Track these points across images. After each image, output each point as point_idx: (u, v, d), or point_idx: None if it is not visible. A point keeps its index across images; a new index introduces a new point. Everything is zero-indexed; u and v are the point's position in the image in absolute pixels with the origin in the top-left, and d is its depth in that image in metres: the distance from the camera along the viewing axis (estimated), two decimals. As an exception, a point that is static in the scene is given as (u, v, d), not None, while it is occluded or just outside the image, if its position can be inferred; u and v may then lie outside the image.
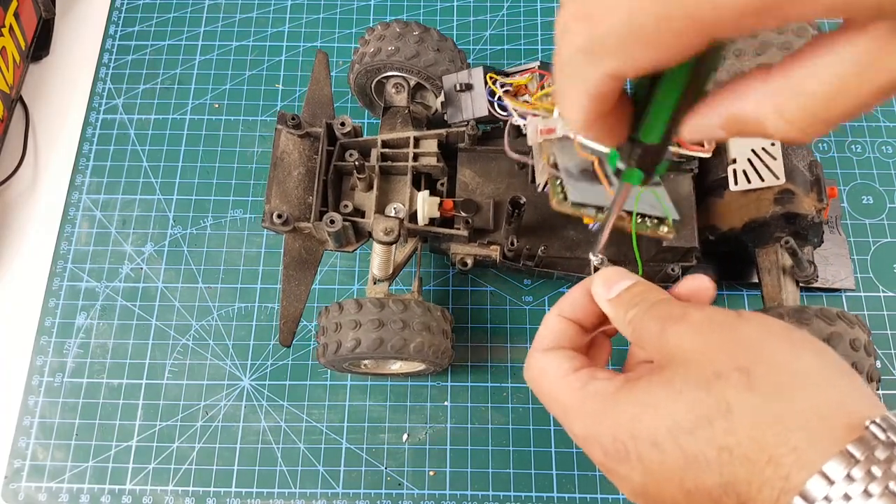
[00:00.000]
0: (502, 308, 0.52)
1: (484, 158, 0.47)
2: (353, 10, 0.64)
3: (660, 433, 0.23)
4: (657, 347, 0.25)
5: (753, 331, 0.24)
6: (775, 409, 0.21)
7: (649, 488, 0.24)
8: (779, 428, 0.21)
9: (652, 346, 0.25)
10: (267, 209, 0.41)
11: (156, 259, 0.55)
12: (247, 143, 0.59)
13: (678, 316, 0.25)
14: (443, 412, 0.50)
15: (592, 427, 0.25)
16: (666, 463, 0.23)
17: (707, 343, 0.24)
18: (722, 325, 0.24)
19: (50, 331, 0.53)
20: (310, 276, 0.44)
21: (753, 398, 0.22)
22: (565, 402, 0.26)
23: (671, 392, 0.23)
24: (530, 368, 0.28)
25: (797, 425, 0.21)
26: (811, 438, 0.21)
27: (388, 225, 0.41)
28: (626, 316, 0.27)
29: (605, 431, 0.24)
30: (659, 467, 0.23)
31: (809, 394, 0.22)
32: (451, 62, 0.49)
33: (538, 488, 0.47)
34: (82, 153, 0.59)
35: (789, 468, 0.20)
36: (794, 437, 0.21)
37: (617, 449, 0.24)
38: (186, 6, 0.65)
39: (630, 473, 0.24)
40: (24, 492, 0.48)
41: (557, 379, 0.27)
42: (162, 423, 0.50)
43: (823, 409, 0.21)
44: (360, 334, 0.41)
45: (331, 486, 0.48)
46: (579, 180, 0.39)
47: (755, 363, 0.22)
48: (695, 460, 0.22)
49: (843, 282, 0.51)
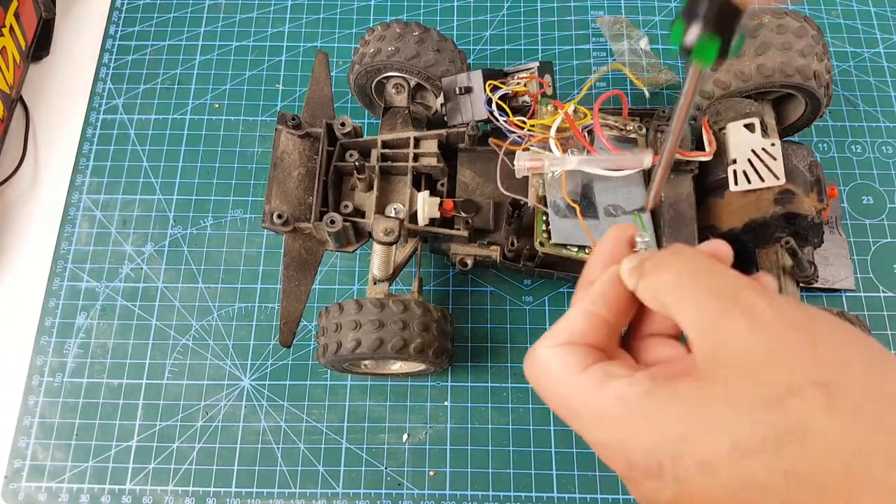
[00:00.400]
0: (502, 308, 0.52)
1: (484, 159, 0.47)
2: (353, 10, 0.64)
3: (711, 454, 0.19)
4: (706, 338, 0.21)
5: (831, 337, 0.20)
6: (860, 435, 0.18)
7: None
8: (864, 459, 0.18)
9: (698, 336, 0.21)
10: (267, 209, 0.41)
11: (156, 259, 0.55)
12: (247, 143, 0.59)
13: (744, 305, 0.21)
14: (443, 412, 0.50)
15: (616, 437, 0.21)
16: (713, 486, 0.20)
17: (777, 347, 0.20)
18: (795, 325, 0.20)
19: (50, 331, 0.53)
20: (310, 277, 0.44)
21: (835, 421, 0.18)
22: (578, 406, 0.23)
23: (729, 405, 0.19)
24: (533, 365, 0.24)
25: (886, 459, 0.18)
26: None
27: (388, 225, 0.41)
28: (664, 287, 0.22)
29: (635, 445, 0.21)
30: (702, 490, 0.20)
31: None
32: (451, 62, 0.49)
33: (538, 488, 0.47)
34: (82, 153, 0.59)
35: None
36: (881, 470, 0.18)
37: (649, 466, 0.21)
38: (186, 6, 0.65)
39: (660, 491, 0.21)
40: (24, 492, 0.48)
41: (566, 378, 0.23)
42: (162, 423, 0.50)
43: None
44: (360, 335, 0.41)
45: (331, 486, 0.48)
46: (566, 216, 0.40)
47: (836, 379, 0.19)
48: (752, 485, 0.19)
49: (843, 282, 0.51)
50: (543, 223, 0.41)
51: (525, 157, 0.40)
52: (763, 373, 0.20)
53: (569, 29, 0.63)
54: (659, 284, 0.23)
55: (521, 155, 0.40)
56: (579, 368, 0.23)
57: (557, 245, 0.40)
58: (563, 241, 0.40)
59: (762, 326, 0.20)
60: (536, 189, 0.41)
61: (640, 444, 0.21)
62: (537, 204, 0.41)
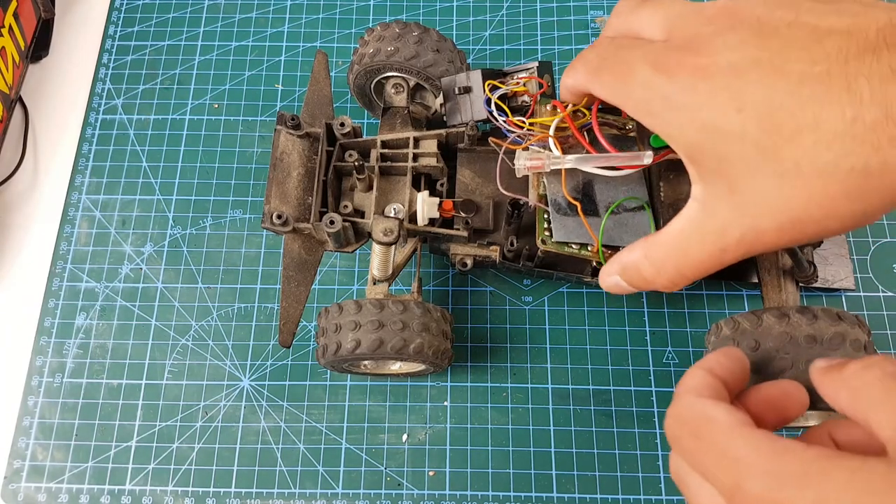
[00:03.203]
0: (502, 308, 0.52)
1: (484, 159, 0.47)
2: (353, 10, 0.64)
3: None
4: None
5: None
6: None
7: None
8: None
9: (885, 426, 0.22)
10: (266, 210, 0.41)
11: (155, 259, 0.55)
12: (246, 144, 0.59)
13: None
14: (442, 412, 0.50)
15: (785, 491, 0.22)
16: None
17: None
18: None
19: (49, 331, 0.52)
20: (310, 277, 0.44)
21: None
22: (744, 455, 0.23)
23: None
24: (690, 414, 0.25)
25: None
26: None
27: (388, 225, 0.41)
28: (868, 387, 0.24)
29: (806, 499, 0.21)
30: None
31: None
32: (451, 62, 0.49)
33: (538, 488, 0.47)
34: (82, 153, 0.59)
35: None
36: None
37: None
38: (186, 6, 0.65)
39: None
40: (24, 492, 0.48)
41: (733, 429, 0.24)
42: (161, 424, 0.50)
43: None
44: (359, 335, 0.41)
45: (330, 487, 0.48)
46: (567, 214, 0.41)
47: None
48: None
49: (842, 282, 0.51)
50: (545, 221, 0.41)
51: (525, 156, 0.40)
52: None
53: (568, 29, 0.63)
54: (862, 385, 0.24)
55: (521, 154, 0.40)
56: (746, 422, 0.24)
57: (559, 243, 0.41)
58: (564, 239, 0.40)
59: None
60: (537, 188, 0.41)
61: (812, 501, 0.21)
62: (538, 203, 0.41)
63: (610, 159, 0.38)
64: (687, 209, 0.29)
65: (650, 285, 0.32)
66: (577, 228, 0.40)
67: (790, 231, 0.26)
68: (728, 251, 0.28)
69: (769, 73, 0.25)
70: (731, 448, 0.23)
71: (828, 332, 0.37)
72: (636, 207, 0.41)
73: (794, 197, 0.25)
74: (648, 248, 0.31)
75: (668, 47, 0.28)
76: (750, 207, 0.26)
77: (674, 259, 0.30)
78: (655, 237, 0.31)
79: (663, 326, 0.51)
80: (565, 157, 0.39)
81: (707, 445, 0.24)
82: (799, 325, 0.38)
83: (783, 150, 0.24)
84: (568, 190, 0.40)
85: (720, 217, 0.27)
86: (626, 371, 0.50)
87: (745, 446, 0.23)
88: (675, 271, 0.30)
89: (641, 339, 0.51)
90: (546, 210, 0.41)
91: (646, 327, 0.51)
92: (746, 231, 0.27)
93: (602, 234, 0.39)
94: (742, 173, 0.26)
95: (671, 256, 0.30)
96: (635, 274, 0.32)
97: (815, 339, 0.37)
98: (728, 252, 0.28)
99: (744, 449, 0.23)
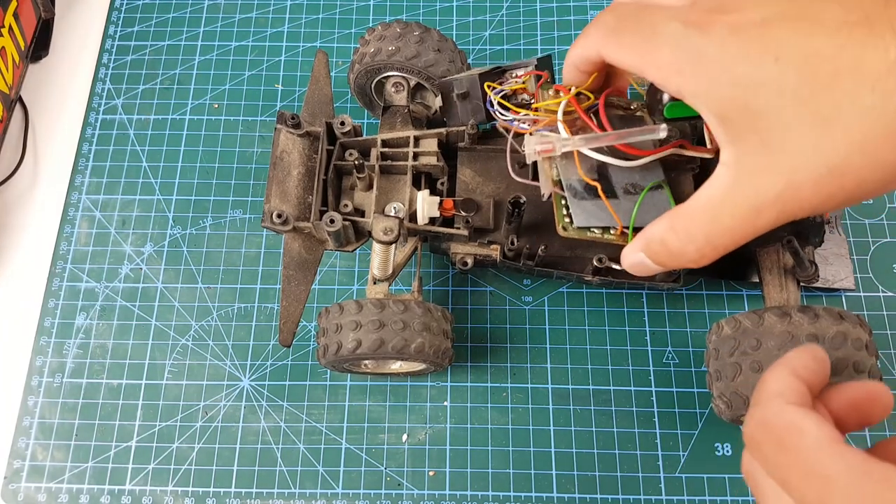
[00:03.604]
0: (502, 308, 0.52)
1: (484, 158, 0.47)
2: (353, 10, 0.64)
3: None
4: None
5: None
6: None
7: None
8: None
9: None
10: (266, 209, 0.41)
11: (155, 259, 0.55)
12: (246, 144, 0.59)
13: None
14: (442, 412, 0.50)
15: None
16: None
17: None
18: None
19: (49, 331, 0.52)
20: (310, 276, 0.44)
21: None
22: (834, 474, 0.22)
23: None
24: (778, 423, 0.24)
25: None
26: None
27: (388, 224, 0.41)
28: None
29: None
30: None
31: None
32: (452, 62, 0.49)
33: (538, 488, 0.47)
34: (81, 153, 0.59)
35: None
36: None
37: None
38: (186, 6, 0.65)
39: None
40: (24, 492, 0.48)
41: (824, 444, 0.22)
42: (161, 424, 0.50)
43: None
44: (360, 335, 0.41)
45: (330, 487, 0.48)
46: (584, 198, 0.38)
47: None
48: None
49: (842, 282, 0.51)
50: (563, 208, 0.39)
51: (534, 140, 0.38)
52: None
53: (568, 29, 0.63)
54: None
55: (530, 139, 0.38)
56: (838, 438, 0.23)
57: (581, 229, 0.38)
58: (586, 223, 0.38)
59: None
60: (549, 175, 0.39)
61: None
62: (554, 189, 0.39)
63: (623, 135, 0.36)
64: (715, 176, 0.28)
65: (677, 259, 0.30)
66: (598, 212, 0.38)
67: (829, 184, 0.25)
68: (762, 213, 0.27)
69: (805, 24, 0.24)
70: (820, 465, 0.22)
71: (829, 331, 0.37)
72: (655, 187, 0.39)
73: (834, 144, 0.24)
74: (674, 219, 0.30)
75: (694, 7, 0.27)
76: (786, 162, 0.25)
77: (703, 227, 0.29)
78: (682, 207, 0.30)
79: (663, 326, 0.51)
80: (576, 138, 0.37)
81: (793, 459, 0.23)
82: (800, 325, 0.38)
83: (822, 95, 0.24)
84: (584, 171, 0.38)
85: (754, 177, 0.26)
86: (626, 371, 0.50)
87: (835, 465, 0.22)
88: (704, 240, 0.29)
89: (641, 339, 0.51)
90: (563, 196, 0.39)
91: (646, 327, 0.51)
92: (783, 188, 0.26)
93: (634, 219, 0.37)
94: (778, 126, 0.25)
95: (700, 225, 0.29)
96: (661, 248, 0.31)
97: (816, 338, 0.37)
98: (762, 215, 0.27)
99: (834, 468, 0.22)
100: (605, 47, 0.31)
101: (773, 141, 0.25)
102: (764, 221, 0.27)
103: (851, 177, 0.25)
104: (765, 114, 0.25)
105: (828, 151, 0.24)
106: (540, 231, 0.45)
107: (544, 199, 0.40)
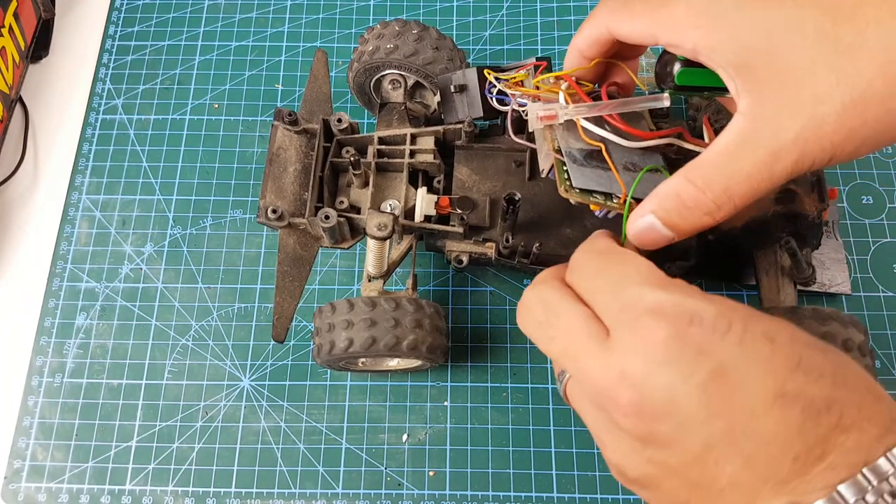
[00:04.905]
0: (502, 308, 0.52)
1: (481, 156, 0.46)
2: (353, 10, 0.64)
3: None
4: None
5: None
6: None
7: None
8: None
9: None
10: (262, 204, 0.41)
11: (155, 259, 0.55)
12: (246, 144, 0.59)
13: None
14: (442, 412, 0.50)
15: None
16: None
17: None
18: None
19: (49, 331, 0.52)
20: (304, 273, 0.44)
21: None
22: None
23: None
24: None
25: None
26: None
27: (382, 220, 0.41)
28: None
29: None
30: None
31: None
32: (450, 61, 0.49)
33: (538, 488, 0.47)
34: (82, 153, 0.59)
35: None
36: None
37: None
38: (186, 6, 0.65)
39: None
40: (24, 492, 0.48)
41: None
42: (162, 424, 0.50)
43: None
44: (352, 334, 0.41)
45: (330, 487, 0.48)
46: (584, 165, 0.38)
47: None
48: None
49: (839, 286, 0.51)
50: (564, 172, 0.38)
51: (537, 107, 0.38)
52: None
53: (569, 29, 0.63)
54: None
55: (533, 106, 0.38)
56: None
57: (584, 192, 0.38)
58: (584, 185, 0.38)
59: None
60: (550, 142, 0.39)
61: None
62: (555, 154, 0.38)
63: (627, 103, 0.36)
64: (731, 125, 0.27)
65: (691, 214, 0.29)
66: (597, 178, 0.38)
67: (851, 117, 0.25)
68: (781, 158, 0.26)
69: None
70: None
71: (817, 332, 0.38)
72: (654, 170, 0.39)
73: (858, 69, 0.24)
74: (689, 171, 0.29)
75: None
76: (807, 97, 0.25)
77: (720, 174, 0.28)
78: (696, 160, 0.29)
79: (664, 326, 0.51)
80: (579, 105, 0.37)
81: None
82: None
83: (844, 25, 0.24)
84: (584, 145, 0.38)
85: (772, 120, 0.26)
86: (626, 371, 0.50)
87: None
88: (721, 188, 0.28)
89: (642, 339, 0.51)
90: (563, 161, 0.38)
91: (646, 327, 0.51)
92: (803, 126, 0.25)
93: (634, 189, 0.36)
94: (800, 63, 0.25)
95: (717, 172, 0.28)
96: (674, 204, 0.30)
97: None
98: (781, 158, 0.26)
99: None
100: (616, 21, 0.31)
101: (795, 79, 0.25)
102: (782, 167, 0.27)
103: (873, 106, 0.24)
104: (786, 53, 0.25)
105: (852, 78, 0.24)
106: (535, 229, 0.45)
107: (544, 175, 0.39)
